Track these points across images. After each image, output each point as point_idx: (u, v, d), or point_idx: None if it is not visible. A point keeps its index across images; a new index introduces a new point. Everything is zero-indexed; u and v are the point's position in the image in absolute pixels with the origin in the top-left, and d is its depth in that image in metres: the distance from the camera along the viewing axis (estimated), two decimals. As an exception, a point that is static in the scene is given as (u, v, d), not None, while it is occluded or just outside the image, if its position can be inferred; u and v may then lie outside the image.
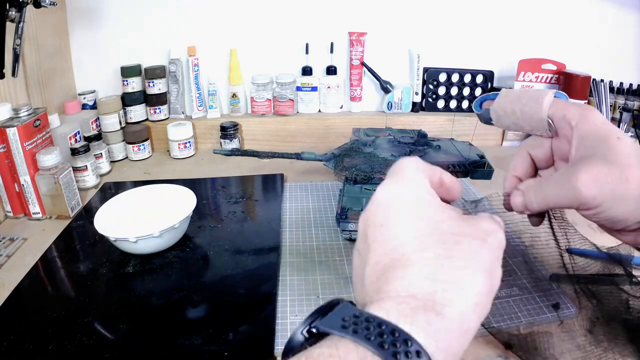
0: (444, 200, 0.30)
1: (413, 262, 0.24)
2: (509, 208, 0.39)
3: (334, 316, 0.22)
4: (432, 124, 0.96)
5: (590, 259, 0.49)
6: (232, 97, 0.95)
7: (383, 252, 0.25)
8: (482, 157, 0.66)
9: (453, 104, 0.99)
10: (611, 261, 0.50)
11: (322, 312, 0.22)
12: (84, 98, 0.90)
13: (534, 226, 0.40)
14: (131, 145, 0.89)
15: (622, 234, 0.36)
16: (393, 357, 0.19)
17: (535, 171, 0.41)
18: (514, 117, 0.40)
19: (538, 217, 0.39)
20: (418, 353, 0.19)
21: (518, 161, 0.41)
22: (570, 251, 0.51)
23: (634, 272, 0.51)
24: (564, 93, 0.41)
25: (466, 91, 0.98)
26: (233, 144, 0.91)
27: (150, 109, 0.93)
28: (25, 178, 0.64)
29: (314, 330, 0.22)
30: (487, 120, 0.42)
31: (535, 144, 0.40)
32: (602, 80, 0.86)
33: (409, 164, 0.30)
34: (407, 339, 0.20)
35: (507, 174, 0.42)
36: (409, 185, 0.28)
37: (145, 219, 0.57)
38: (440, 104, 0.99)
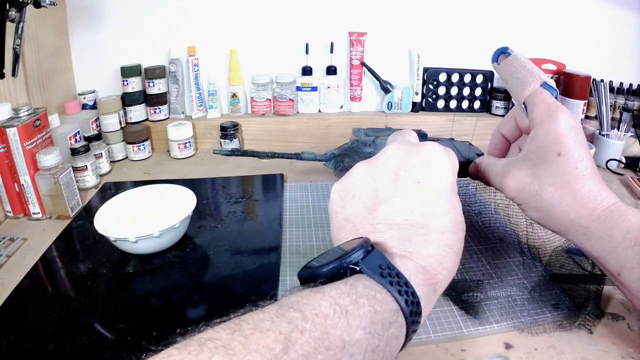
0: None
1: (434, 241, 0.29)
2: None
3: (372, 261, 0.26)
4: (432, 124, 0.96)
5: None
6: (232, 97, 0.95)
7: (410, 208, 0.30)
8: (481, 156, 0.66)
9: (453, 104, 0.99)
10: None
11: (364, 251, 0.26)
12: (84, 98, 0.90)
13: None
14: (131, 145, 0.89)
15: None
16: (410, 314, 0.25)
17: (520, 133, 0.47)
18: (506, 85, 0.45)
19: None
20: (419, 313, 0.26)
21: (506, 121, 0.48)
22: (569, 251, 0.51)
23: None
24: (554, 87, 0.42)
25: (466, 91, 0.98)
26: (233, 144, 0.91)
27: (150, 109, 0.93)
28: (25, 178, 0.64)
29: (357, 268, 0.26)
30: (495, 71, 0.49)
31: (522, 113, 0.45)
32: (602, 80, 0.86)
33: (454, 153, 0.35)
34: (418, 302, 0.26)
35: (494, 130, 0.49)
36: (450, 166, 0.33)
37: (145, 219, 0.57)
38: (440, 104, 0.99)
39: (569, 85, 0.89)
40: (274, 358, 0.19)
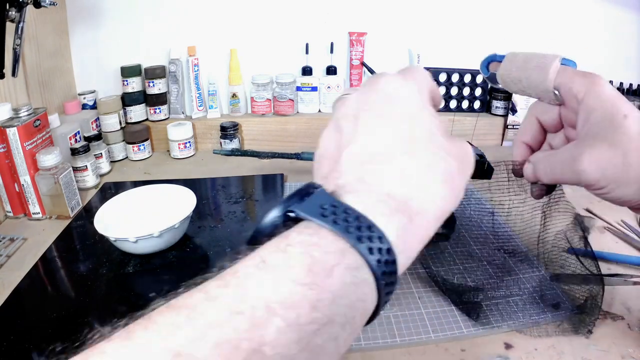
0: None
1: (401, 163, 0.24)
2: (519, 174, 0.40)
3: (311, 202, 0.21)
4: (432, 124, 0.96)
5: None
6: (232, 97, 0.95)
7: (374, 142, 0.25)
8: (482, 156, 0.65)
9: (453, 104, 0.99)
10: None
11: (299, 196, 0.22)
12: (84, 98, 0.90)
13: (536, 198, 0.40)
14: (131, 145, 0.89)
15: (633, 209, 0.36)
16: (368, 251, 0.20)
17: (544, 135, 0.41)
18: (520, 84, 0.39)
19: (540, 190, 0.39)
20: (388, 251, 0.20)
21: (526, 127, 0.41)
22: (571, 251, 0.51)
23: (634, 272, 0.51)
24: (572, 60, 0.38)
25: (466, 91, 0.98)
26: (233, 144, 0.91)
27: (150, 109, 0.93)
28: (25, 178, 0.64)
29: (291, 214, 0.21)
30: (494, 83, 0.41)
31: (543, 109, 0.39)
32: (602, 80, 0.86)
33: (421, 72, 0.30)
34: (381, 237, 0.20)
35: (515, 140, 0.42)
36: (415, 89, 0.28)
37: (145, 219, 0.57)
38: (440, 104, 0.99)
39: (569, 85, 0.89)
40: (174, 331, 0.17)
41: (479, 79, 0.98)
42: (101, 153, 0.81)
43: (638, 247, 0.57)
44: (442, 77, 0.97)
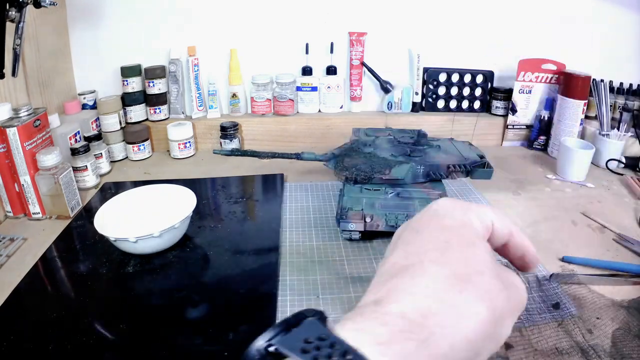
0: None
1: (428, 273, 0.21)
2: None
3: (296, 335, 0.19)
4: (432, 124, 0.96)
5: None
6: (232, 97, 0.95)
7: (404, 254, 0.23)
8: (482, 157, 0.66)
9: (453, 104, 0.99)
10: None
11: (287, 326, 0.19)
12: (84, 98, 0.90)
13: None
14: (131, 145, 0.89)
15: None
16: None
17: None
18: None
19: None
20: None
21: None
22: (564, 260, 0.51)
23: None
24: None
25: (466, 91, 0.98)
26: (233, 144, 0.91)
27: (150, 109, 0.93)
28: (25, 178, 0.64)
29: (271, 349, 0.19)
30: None
31: None
32: (602, 80, 0.86)
33: (486, 207, 0.27)
34: None
35: None
36: (466, 211, 0.25)
37: (145, 219, 0.57)
38: (440, 104, 0.99)
39: (569, 85, 0.89)
40: None
41: (479, 78, 0.98)
42: (101, 153, 0.81)
43: (637, 252, 0.56)
44: (442, 77, 0.97)
